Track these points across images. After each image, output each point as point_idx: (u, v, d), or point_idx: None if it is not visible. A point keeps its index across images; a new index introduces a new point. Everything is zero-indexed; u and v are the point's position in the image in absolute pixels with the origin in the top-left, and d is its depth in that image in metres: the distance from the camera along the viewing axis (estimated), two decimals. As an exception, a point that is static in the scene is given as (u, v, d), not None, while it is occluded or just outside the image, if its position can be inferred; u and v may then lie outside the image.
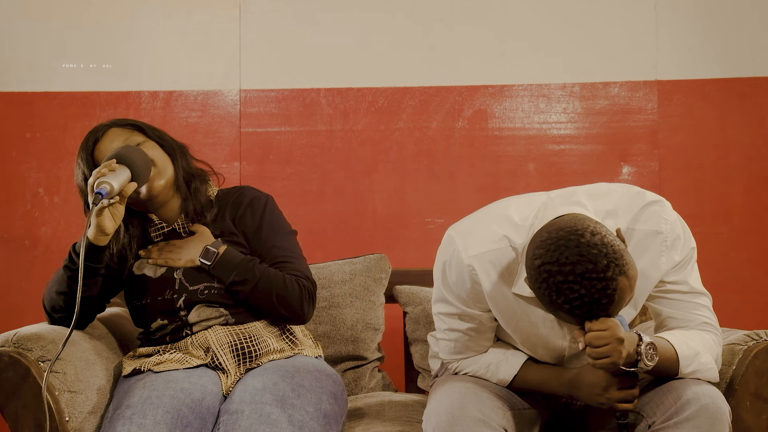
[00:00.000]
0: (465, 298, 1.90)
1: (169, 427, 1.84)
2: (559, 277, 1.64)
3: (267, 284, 2.10)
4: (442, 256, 1.92)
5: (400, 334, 2.63)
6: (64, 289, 2.05)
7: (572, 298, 1.64)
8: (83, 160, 2.13)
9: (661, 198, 1.88)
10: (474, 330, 1.95)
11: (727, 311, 2.93)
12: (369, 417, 2.16)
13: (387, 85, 3.06)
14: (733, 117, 3.01)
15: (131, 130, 2.17)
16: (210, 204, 2.21)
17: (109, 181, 1.92)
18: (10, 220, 3.05)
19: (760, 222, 2.99)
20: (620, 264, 1.64)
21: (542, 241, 1.68)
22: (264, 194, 2.26)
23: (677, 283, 1.87)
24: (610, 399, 1.78)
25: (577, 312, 1.66)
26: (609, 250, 1.64)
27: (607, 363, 1.70)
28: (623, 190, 1.89)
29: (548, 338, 1.91)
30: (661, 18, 3.02)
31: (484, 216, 1.93)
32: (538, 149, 3.04)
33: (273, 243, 2.19)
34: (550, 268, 1.65)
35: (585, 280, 1.63)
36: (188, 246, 2.15)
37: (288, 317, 2.14)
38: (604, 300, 1.64)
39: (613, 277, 1.63)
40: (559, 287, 1.64)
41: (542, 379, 1.93)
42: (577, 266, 1.63)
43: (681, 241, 1.86)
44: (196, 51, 3.09)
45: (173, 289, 2.12)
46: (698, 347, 1.84)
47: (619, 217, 1.83)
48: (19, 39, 3.07)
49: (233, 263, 2.11)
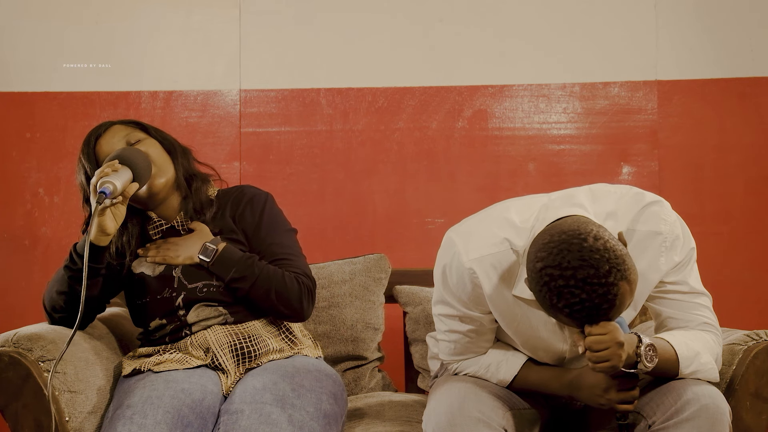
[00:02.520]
0: (466, 301, 1.90)
1: (169, 427, 1.84)
2: (561, 281, 1.63)
3: (266, 281, 2.10)
4: (443, 258, 1.91)
5: (400, 334, 2.63)
6: (65, 289, 2.05)
7: (573, 302, 1.64)
8: (85, 155, 2.14)
9: (660, 198, 1.88)
10: (474, 332, 1.95)
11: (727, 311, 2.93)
12: (369, 417, 2.16)
13: (387, 85, 3.06)
14: (733, 117, 3.01)
15: (133, 128, 2.18)
16: (210, 202, 2.21)
17: (112, 180, 1.93)
18: (10, 220, 3.05)
19: (760, 222, 2.99)
20: (622, 269, 1.64)
21: (544, 244, 1.68)
22: (264, 192, 2.26)
23: (677, 283, 1.87)
24: (610, 400, 1.78)
25: (577, 316, 1.66)
26: (611, 255, 1.64)
27: (606, 367, 1.70)
28: (623, 191, 1.89)
29: (549, 341, 1.91)
30: (661, 18, 3.02)
31: (485, 218, 1.92)
32: (538, 149, 3.04)
33: (272, 240, 2.19)
34: (551, 272, 1.65)
35: (587, 285, 1.63)
36: (187, 243, 2.15)
37: (287, 314, 2.14)
38: (605, 305, 1.64)
39: (615, 282, 1.63)
40: (560, 291, 1.64)
41: (542, 380, 1.93)
42: (579, 271, 1.63)
43: (680, 241, 1.86)
44: (196, 51, 3.08)
45: (172, 287, 2.12)
46: (698, 347, 1.84)
47: (619, 218, 1.83)
48: (19, 39, 3.07)
49: (232, 260, 2.11)
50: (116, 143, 2.13)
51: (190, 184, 2.21)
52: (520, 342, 1.94)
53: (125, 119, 2.23)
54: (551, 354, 1.93)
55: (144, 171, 2.03)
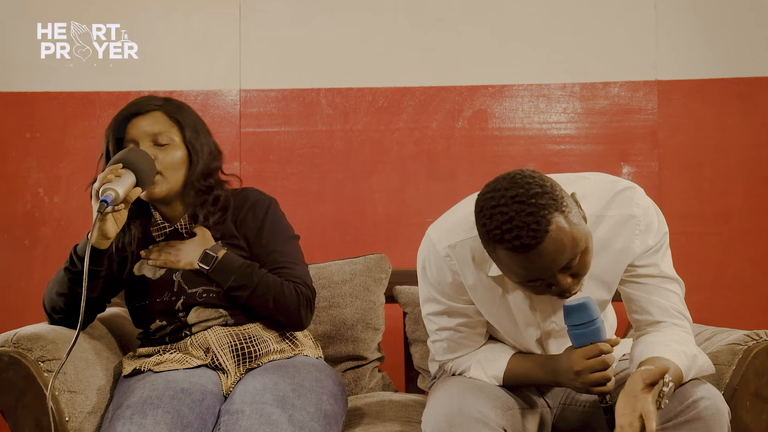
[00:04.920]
0: (449, 293, 1.92)
1: (169, 427, 1.84)
2: (492, 201, 1.65)
3: (265, 290, 2.10)
4: (422, 254, 1.95)
5: (400, 334, 2.63)
6: (65, 291, 2.05)
7: (502, 222, 1.63)
8: (112, 129, 2.11)
9: (634, 185, 1.90)
10: (464, 325, 1.97)
11: (727, 311, 2.94)
12: (369, 417, 2.16)
13: (387, 85, 3.06)
14: (733, 117, 3.01)
15: (172, 124, 2.14)
16: (216, 208, 2.19)
17: (115, 188, 1.90)
18: (10, 220, 3.05)
19: (760, 222, 2.99)
20: (556, 199, 1.65)
21: (485, 185, 1.72)
22: (267, 197, 2.25)
23: (647, 266, 1.88)
24: (584, 383, 1.79)
25: (510, 244, 1.63)
26: (545, 184, 1.66)
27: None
28: (597, 177, 1.91)
29: (522, 326, 1.92)
30: (661, 18, 3.02)
31: (456, 209, 1.96)
32: (538, 149, 3.04)
33: (273, 247, 2.18)
34: (485, 196, 1.68)
35: (515, 204, 1.63)
36: (187, 248, 2.15)
37: (285, 323, 2.14)
38: (534, 226, 1.62)
39: (545, 206, 1.63)
40: (492, 213, 1.65)
41: (528, 370, 1.94)
42: (509, 191, 1.65)
43: (655, 226, 1.87)
44: (196, 51, 3.08)
45: (172, 291, 2.12)
46: (692, 350, 1.84)
47: (592, 200, 1.84)
48: (19, 39, 3.07)
49: (232, 268, 2.11)
50: (148, 132, 2.09)
51: (201, 190, 2.17)
52: (501, 330, 1.96)
53: (172, 106, 2.15)
54: (529, 339, 1.95)
55: (148, 176, 2.01)
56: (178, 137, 2.13)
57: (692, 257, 2.93)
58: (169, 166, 2.10)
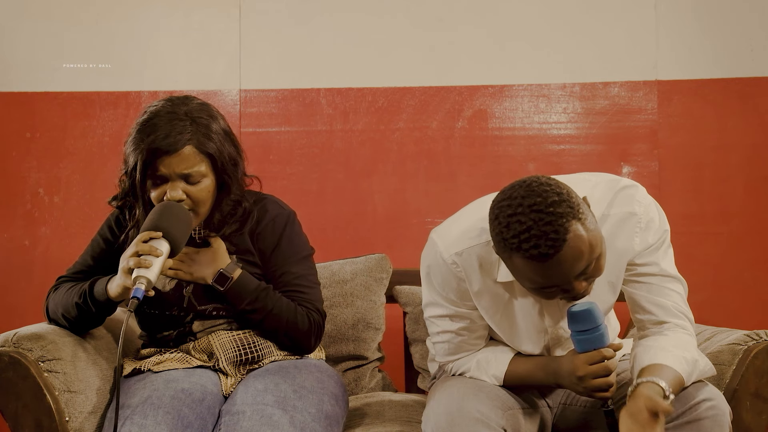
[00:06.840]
0: (453, 299, 1.92)
1: (169, 427, 1.84)
2: (509, 210, 1.65)
3: (278, 317, 2.07)
4: (426, 259, 1.94)
5: (401, 334, 2.63)
6: (72, 317, 2.06)
7: (520, 231, 1.63)
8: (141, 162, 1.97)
9: (635, 183, 1.90)
10: (466, 329, 1.96)
11: (727, 311, 2.94)
12: (369, 417, 2.16)
13: (387, 85, 3.06)
14: (733, 117, 3.01)
15: (203, 158, 2.02)
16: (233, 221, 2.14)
17: (148, 276, 1.85)
18: (10, 220, 3.05)
19: (760, 222, 2.99)
20: (573, 206, 1.64)
21: (499, 192, 1.71)
22: (287, 211, 2.19)
23: (648, 264, 1.88)
24: (586, 388, 1.79)
25: (528, 253, 1.63)
26: (561, 191, 1.65)
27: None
28: (598, 178, 1.91)
29: (529, 331, 1.92)
30: (661, 18, 3.02)
31: (462, 214, 1.95)
32: (538, 149, 3.04)
33: (288, 269, 2.14)
34: (501, 204, 1.67)
35: (533, 212, 1.63)
36: (202, 262, 2.09)
37: (291, 348, 2.13)
38: (553, 236, 1.62)
39: (563, 215, 1.63)
40: (509, 222, 1.64)
41: (529, 371, 1.93)
42: (526, 199, 1.64)
43: (655, 223, 1.87)
44: (196, 51, 3.08)
45: (181, 307, 2.10)
46: (693, 354, 1.83)
47: (594, 202, 1.84)
48: (19, 39, 3.07)
49: (247, 291, 2.07)
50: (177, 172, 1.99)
51: (230, 212, 2.12)
52: (505, 337, 1.95)
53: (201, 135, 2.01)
54: (534, 345, 1.94)
55: (183, 240, 1.95)
56: (207, 168, 2.04)
57: (692, 257, 2.93)
58: (200, 201, 2.04)
